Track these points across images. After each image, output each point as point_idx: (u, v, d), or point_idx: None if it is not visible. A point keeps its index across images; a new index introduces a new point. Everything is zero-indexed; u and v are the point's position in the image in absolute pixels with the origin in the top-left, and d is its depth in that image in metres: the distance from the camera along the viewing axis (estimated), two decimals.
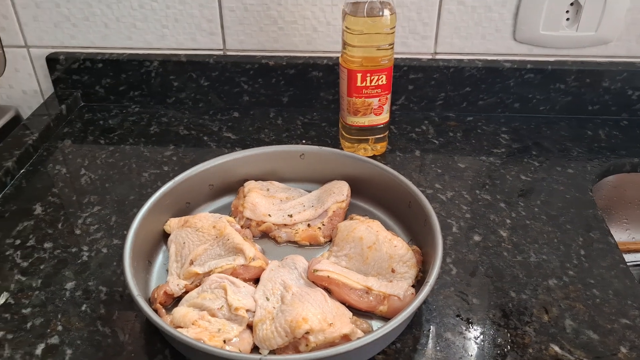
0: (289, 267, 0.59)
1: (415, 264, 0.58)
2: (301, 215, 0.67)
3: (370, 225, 0.62)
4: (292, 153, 0.72)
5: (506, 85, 0.86)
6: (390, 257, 0.59)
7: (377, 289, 0.56)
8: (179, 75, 0.90)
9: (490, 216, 0.68)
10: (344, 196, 0.68)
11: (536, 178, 0.75)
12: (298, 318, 0.51)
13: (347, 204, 0.68)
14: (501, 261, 0.62)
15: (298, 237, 0.65)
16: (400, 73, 0.86)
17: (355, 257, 0.60)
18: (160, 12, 0.86)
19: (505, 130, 0.85)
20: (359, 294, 0.56)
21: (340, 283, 0.56)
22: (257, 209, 0.66)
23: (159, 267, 0.63)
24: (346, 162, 0.70)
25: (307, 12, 0.85)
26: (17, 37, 0.90)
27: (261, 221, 0.66)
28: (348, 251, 0.61)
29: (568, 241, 0.65)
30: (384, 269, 0.59)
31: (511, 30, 0.84)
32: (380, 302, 0.56)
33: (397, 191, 0.65)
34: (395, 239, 0.60)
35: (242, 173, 0.71)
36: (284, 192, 0.70)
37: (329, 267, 0.58)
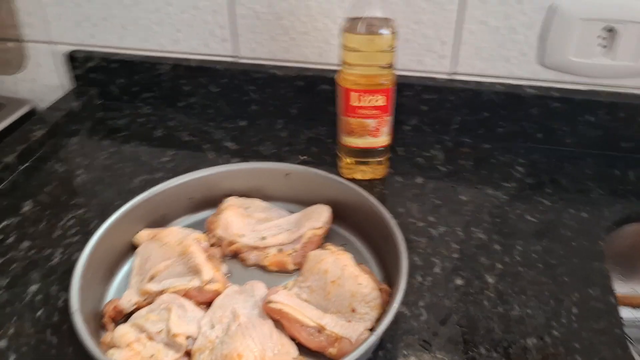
0: (246, 294, 0.56)
1: (380, 305, 0.54)
2: (275, 239, 0.63)
3: (339, 258, 0.57)
4: (277, 172, 0.69)
5: (529, 113, 0.79)
6: (352, 295, 0.54)
7: (331, 328, 0.52)
8: (190, 80, 0.89)
9: (480, 258, 0.63)
10: (321, 222, 0.64)
11: (543, 220, 0.68)
12: (233, 354, 0.48)
13: (324, 231, 0.64)
14: (479, 311, 0.56)
15: (267, 262, 0.62)
16: (413, 92, 0.81)
17: (317, 291, 0.56)
18: (175, 16, 0.86)
19: (522, 163, 0.78)
20: (310, 331, 0.52)
21: (292, 318, 0.53)
22: (230, 228, 0.64)
23: (121, 280, 0.61)
24: (330, 186, 0.66)
25: (319, 24, 0.81)
26: (41, 33, 0.92)
27: (232, 241, 0.63)
28: (311, 283, 0.57)
29: (561, 296, 0.58)
30: (345, 307, 0.54)
31: (537, 54, 0.77)
32: (331, 343, 0.52)
33: (377, 222, 0.60)
34: (361, 276, 0.56)
35: (224, 188, 0.69)
36: (264, 212, 0.67)
37: (285, 299, 0.54)
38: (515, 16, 0.75)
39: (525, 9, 0.74)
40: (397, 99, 0.82)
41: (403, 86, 0.81)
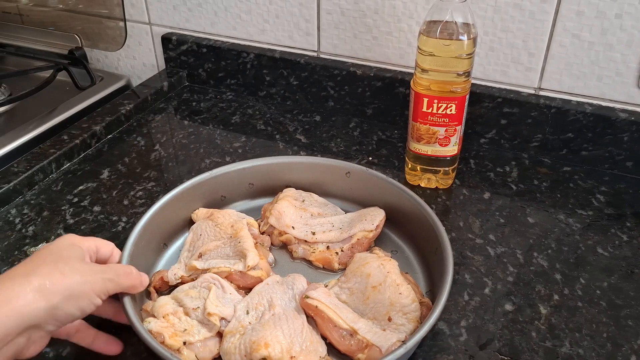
0: (286, 286, 0.57)
1: (418, 319, 0.52)
2: (324, 235, 0.63)
3: (384, 264, 0.56)
4: (338, 169, 0.68)
5: (619, 138, 0.73)
6: (391, 304, 0.53)
7: (363, 334, 0.51)
8: (272, 70, 0.91)
9: (537, 286, 0.59)
10: (374, 226, 0.63)
11: (616, 255, 0.63)
12: (261, 341, 0.49)
13: (375, 234, 0.63)
14: (524, 341, 0.53)
15: (313, 257, 0.62)
16: (493, 104, 0.78)
17: (357, 294, 0.56)
18: (263, 6, 0.88)
19: (604, 191, 0.72)
20: (342, 333, 0.52)
21: (326, 317, 0.52)
22: (283, 218, 0.64)
23: (172, 253, 0.64)
24: (388, 189, 0.65)
25: (403, 25, 0.80)
26: (143, 14, 0.98)
27: (283, 231, 0.64)
28: (352, 285, 0.56)
29: (620, 340, 0.53)
30: (381, 314, 0.53)
31: (636, 76, 0.71)
32: (361, 349, 0.51)
33: (428, 232, 0.59)
34: (403, 286, 0.54)
35: (284, 178, 0.69)
36: (319, 208, 0.67)
37: (323, 297, 0.54)
38: (613, 31, 0.69)
39: (625, 24, 0.68)
40: (476, 110, 0.79)
41: (483, 96, 0.78)
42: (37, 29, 1.07)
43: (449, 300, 0.57)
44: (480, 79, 0.79)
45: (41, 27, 1.07)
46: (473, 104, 0.78)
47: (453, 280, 0.58)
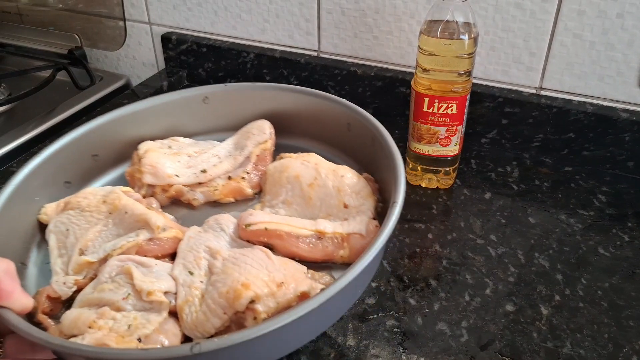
0: (213, 231, 0.49)
1: (371, 193, 0.48)
2: (218, 168, 0.56)
3: (307, 159, 0.51)
4: (192, 99, 0.59)
5: (620, 138, 0.73)
6: (338, 191, 0.48)
7: (332, 230, 0.46)
8: (272, 70, 0.90)
9: (538, 287, 0.59)
10: (267, 134, 0.57)
11: (618, 255, 0.62)
12: (236, 286, 0.41)
13: (272, 144, 0.57)
14: (525, 342, 0.53)
15: (219, 195, 0.55)
16: (494, 104, 0.78)
17: (295, 201, 0.50)
18: (264, 6, 0.87)
19: (606, 191, 0.72)
20: (310, 241, 0.46)
21: (283, 234, 0.46)
22: (160, 170, 0.55)
23: (39, 268, 0.51)
24: (261, 97, 0.59)
25: (404, 24, 0.80)
26: (143, 14, 0.98)
27: (168, 185, 0.55)
28: (285, 196, 0.50)
29: (622, 341, 0.53)
30: (335, 206, 0.48)
31: (637, 76, 0.70)
32: (338, 245, 0.46)
33: (331, 114, 0.55)
34: (340, 168, 0.50)
35: (132, 135, 0.59)
36: (192, 147, 0.59)
37: (265, 217, 0.48)
38: (614, 31, 0.69)
39: (627, 24, 0.68)
40: (477, 110, 0.78)
41: (484, 96, 0.78)
42: (37, 28, 1.07)
43: (450, 301, 0.57)
44: (481, 79, 0.79)
45: (41, 27, 1.07)
46: (474, 103, 0.78)
47: (453, 281, 0.59)
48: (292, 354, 0.51)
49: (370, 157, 0.49)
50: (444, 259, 0.62)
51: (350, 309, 0.55)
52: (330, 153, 0.56)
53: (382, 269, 0.60)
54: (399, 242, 0.64)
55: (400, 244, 0.64)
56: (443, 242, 0.64)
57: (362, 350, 0.52)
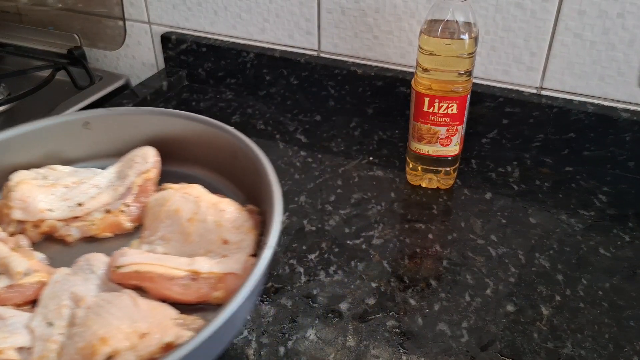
0: (83, 273, 0.46)
1: (253, 227, 0.47)
2: (95, 201, 0.52)
3: (189, 191, 0.49)
4: (72, 124, 0.56)
5: (621, 138, 0.73)
6: (219, 226, 0.46)
7: (208, 270, 0.44)
8: (272, 70, 0.90)
9: (539, 287, 0.58)
10: (150, 163, 0.54)
11: (618, 256, 0.62)
12: (93, 341, 0.38)
13: (156, 173, 0.55)
14: (526, 342, 0.53)
15: (95, 230, 0.51)
16: (495, 104, 0.77)
17: (174, 238, 0.47)
18: (263, 5, 0.87)
19: (606, 191, 0.72)
20: (184, 283, 0.44)
21: (155, 276, 0.44)
22: (31, 204, 0.51)
23: None
24: (147, 122, 0.56)
25: (404, 24, 0.79)
26: (143, 13, 0.98)
27: (40, 220, 0.51)
28: (164, 232, 0.48)
29: (622, 341, 0.53)
30: (214, 242, 0.46)
31: (638, 76, 0.70)
32: (212, 287, 0.43)
33: (218, 143, 0.53)
34: (222, 201, 0.48)
35: (5, 164, 0.54)
36: (71, 177, 0.55)
37: (137, 258, 0.45)
38: (615, 31, 0.69)
39: (627, 24, 0.68)
40: (477, 109, 0.78)
41: (485, 96, 0.77)
42: (36, 28, 1.07)
43: (450, 301, 0.56)
44: (482, 79, 0.79)
45: (40, 27, 1.06)
46: (474, 103, 0.78)
47: (454, 281, 0.58)
48: (292, 354, 0.51)
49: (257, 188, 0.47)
50: (445, 259, 0.62)
51: (352, 310, 0.55)
52: (218, 181, 0.55)
53: (382, 269, 0.60)
54: (399, 242, 0.64)
55: (401, 244, 0.64)
56: (443, 242, 0.64)
57: (362, 350, 0.51)
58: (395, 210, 0.69)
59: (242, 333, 0.53)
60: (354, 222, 0.67)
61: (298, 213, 0.68)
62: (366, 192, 0.72)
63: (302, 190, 0.72)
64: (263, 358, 0.51)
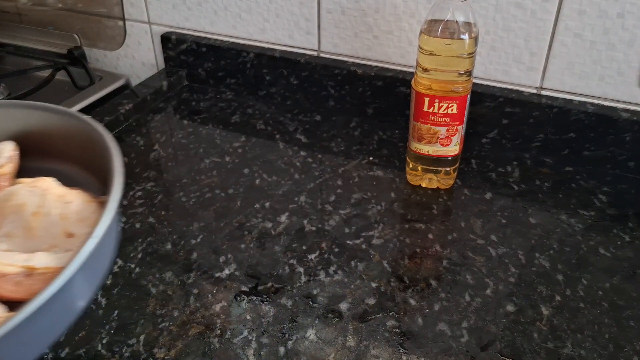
0: None
1: None
2: None
3: (36, 185, 0.47)
4: None
5: (621, 138, 0.73)
6: (64, 219, 0.45)
7: (43, 265, 0.42)
8: (272, 70, 0.90)
9: (539, 287, 0.58)
10: (5, 158, 0.52)
11: (618, 256, 0.62)
12: None
13: (12, 169, 0.52)
14: (526, 342, 0.53)
15: None
16: (495, 104, 0.77)
17: (18, 234, 0.45)
18: (263, 5, 0.87)
19: (606, 191, 0.72)
20: (16, 280, 0.42)
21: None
22: None
23: None
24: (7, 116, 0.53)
25: (404, 24, 0.79)
26: (143, 13, 0.98)
27: None
28: (8, 228, 0.46)
29: (622, 341, 0.53)
30: (59, 236, 0.44)
31: (638, 76, 0.70)
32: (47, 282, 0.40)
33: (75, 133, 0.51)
34: (69, 193, 0.46)
35: None
36: None
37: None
38: (615, 31, 0.69)
39: (627, 24, 0.68)
40: (477, 109, 0.78)
41: (485, 96, 0.77)
42: (36, 28, 1.07)
43: (450, 301, 0.56)
44: (482, 79, 0.79)
45: (40, 27, 1.06)
46: (474, 103, 0.78)
47: (454, 281, 0.58)
48: (292, 354, 0.51)
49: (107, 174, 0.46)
50: (445, 259, 0.62)
51: (352, 310, 0.55)
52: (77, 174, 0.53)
53: (382, 269, 0.60)
54: (399, 242, 0.64)
55: (401, 244, 0.64)
56: (443, 242, 0.64)
57: (362, 350, 0.51)
58: (395, 210, 0.69)
59: (242, 333, 0.53)
60: (354, 222, 0.67)
61: (298, 213, 0.68)
62: (366, 192, 0.72)
63: (302, 190, 0.72)
64: (263, 358, 0.51)
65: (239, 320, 0.54)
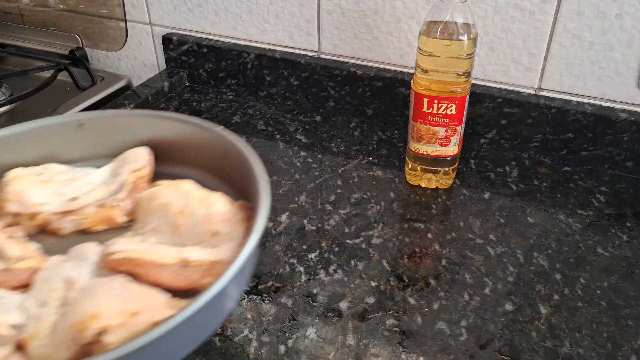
0: (76, 260, 0.47)
1: (242, 220, 0.48)
2: (89, 196, 0.54)
3: (179, 187, 0.50)
4: (66, 125, 0.57)
5: (619, 138, 0.73)
6: (208, 219, 0.48)
7: (197, 258, 0.45)
8: (272, 70, 0.91)
9: (537, 286, 0.59)
10: (143, 162, 0.56)
11: (616, 255, 0.63)
12: (85, 317, 0.39)
13: (149, 172, 0.56)
14: (525, 341, 0.53)
15: (88, 223, 0.52)
16: (494, 104, 0.78)
17: (165, 230, 0.49)
18: (264, 6, 0.88)
19: (604, 191, 0.72)
20: (174, 270, 0.45)
21: (144, 262, 0.45)
22: (26, 198, 0.53)
23: None
24: (140, 125, 0.57)
25: (403, 25, 0.80)
26: (144, 14, 0.98)
27: (34, 213, 0.53)
28: (155, 224, 0.49)
29: (620, 340, 0.53)
30: (204, 234, 0.47)
31: (636, 76, 0.71)
32: (203, 273, 0.44)
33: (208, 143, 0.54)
34: (211, 196, 0.49)
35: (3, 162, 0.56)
36: (66, 175, 0.57)
37: (128, 246, 0.46)
38: (613, 32, 0.69)
39: (625, 25, 0.68)
40: (476, 110, 0.79)
41: (483, 97, 0.78)
42: (38, 29, 1.07)
43: (449, 300, 0.57)
44: (481, 79, 0.80)
45: (42, 27, 1.07)
46: (473, 104, 0.78)
47: (453, 281, 0.59)
48: (292, 352, 0.51)
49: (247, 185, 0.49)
50: (444, 259, 0.62)
51: (352, 309, 0.55)
52: (209, 181, 0.56)
53: (382, 269, 0.61)
54: (399, 241, 0.64)
55: (400, 243, 0.64)
56: (442, 241, 0.65)
57: (362, 349, 0.52)
58: (395, 210, 0.69)
59: (243, 332, 0.53)
60: (354, 221, 0.67)
61: (298, 213, 0.69)
62: (366, 192, 0.72)
63: (302, 190, 0.72)
64: (263, 356, 0.51)
65: (240, 319, 0.55)
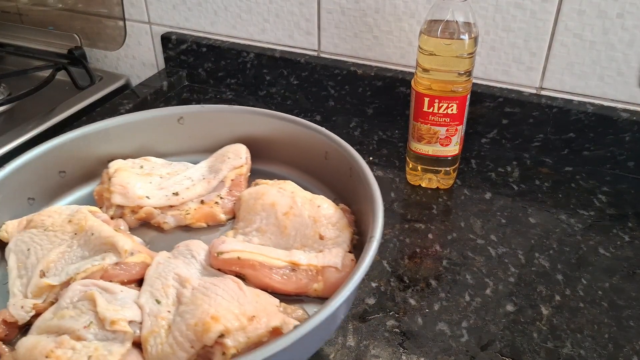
0: (183, 257, 0.47)
1: (348, 225, 0.48)
2: (190, 191, 0.55)
3: (283, 187, 0.50)
4: (167, 118, 0.58)
5: (620, 138, 0.73)
6: (315, 222, 0.47)
7: (307, 262, 0.44)
8: (272, 70, 0.90)
9: (539, 287, 0.58)
10: (243, 159, 0.56)
11: (618, 256, 0.62)
12: (205, 318, 0.39)
13: (247, 169, 0.56)
14: (526, 342, 0.53)
15: (190, 219, 0.54)
16: (495, 104, 0.78)
17: (269, 230, 0.49)
18: (263, 5, 0.87)
19: (606, 191, 0.72)
20: (284, 273, 0.45)
21: (256, 264, 0.45)
22: (130, 191, 0.53)
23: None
24: (238, 120, 0.58)
25: (404, 24, 0.79)
26: (143, 13, 0.98)
27: (138, 206, 0.53)
28: (259, 224, 0.49)
29: (622, 341, 0.53)
30: (310, 237, 0.47)
31: (637, 76, 0.70)
32: (312, 278, 0.44)
33: (309, 142, 0.54)
34: (317, 198, 0.49)
35: (103, 153, 0.57)
36: (165, 168, 0.57)
37: (237, 245, 0.46)
38: (615, 31, 0.69)
39: (627, 24, 0.68)
40: (477, 109, 0.78)
41: (485, 96, 0.78)
42: (37, 28, 1.07)
43: (450, 301, 0.57)
44: (482, 79, 0.79)
45: (40, 27, 1.07)
46: (474, 103, 0.78)
47: (454, 281, 0.59)
48: None
49: (348, 187, 0.49)
50: (444, 259, 0.62)
51: (352, 309, 0.55)
52: (306, 181, 0.56)
53: (382, 269, 0.60)
54: (399, 242, 0.64)
55: (401, 244, 0.64)
56: (443, 242, 0.64)
57: (362, 350, 0.52)
58: (395, 210, 0.69)
59: None
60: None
61: None
62: None
63: None
64: None
65: None
